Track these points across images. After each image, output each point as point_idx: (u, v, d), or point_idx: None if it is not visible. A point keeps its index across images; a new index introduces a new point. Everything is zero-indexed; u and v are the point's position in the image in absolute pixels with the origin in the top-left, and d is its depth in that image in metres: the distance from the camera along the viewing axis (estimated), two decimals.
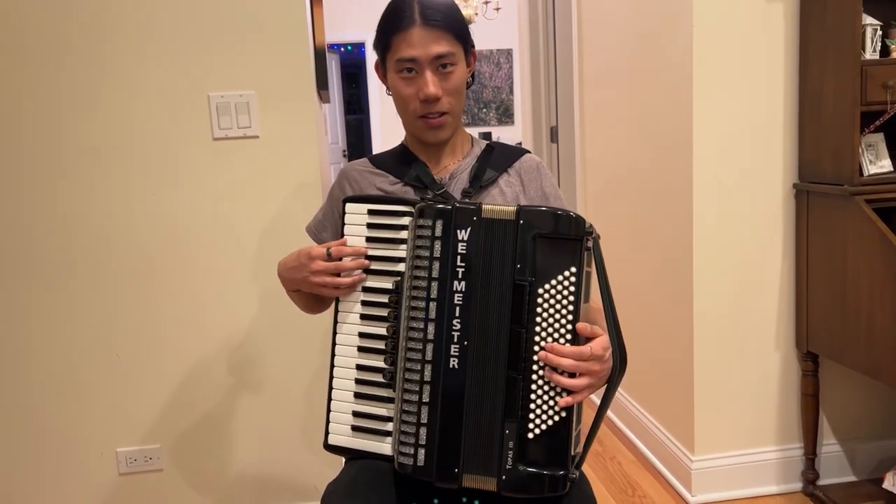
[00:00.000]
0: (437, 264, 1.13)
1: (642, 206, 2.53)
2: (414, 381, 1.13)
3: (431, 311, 1.13)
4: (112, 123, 1.90)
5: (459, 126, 1.39)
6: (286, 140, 1.96)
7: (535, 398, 1.09)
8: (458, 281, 1.12)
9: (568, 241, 1.08)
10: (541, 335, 1.09)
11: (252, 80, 1.92)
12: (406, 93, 1.28)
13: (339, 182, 1.42)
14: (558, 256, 1.08)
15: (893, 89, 1.90)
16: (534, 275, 1.08)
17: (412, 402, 1.13)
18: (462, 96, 1.33)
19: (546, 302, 1.08)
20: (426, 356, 1.13)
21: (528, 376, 1.09)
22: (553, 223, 1.09)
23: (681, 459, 2.30)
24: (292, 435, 2.07)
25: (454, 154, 1.39)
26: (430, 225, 1.13)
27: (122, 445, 2.02)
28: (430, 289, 1.13)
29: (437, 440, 1.12)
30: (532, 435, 1.09)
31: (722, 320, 2.20)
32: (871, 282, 1.87)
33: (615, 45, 2.69)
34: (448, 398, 1.12)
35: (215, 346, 2.02)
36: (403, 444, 1.14)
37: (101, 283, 1.95)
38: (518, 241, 1.09)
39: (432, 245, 1.13)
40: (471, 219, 1.12)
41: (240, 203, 1.96)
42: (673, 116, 2.24)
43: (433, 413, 1.12)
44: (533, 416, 1.09)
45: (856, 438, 2.29)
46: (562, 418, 1.08)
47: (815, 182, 2.07)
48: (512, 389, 1.09)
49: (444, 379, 1.12)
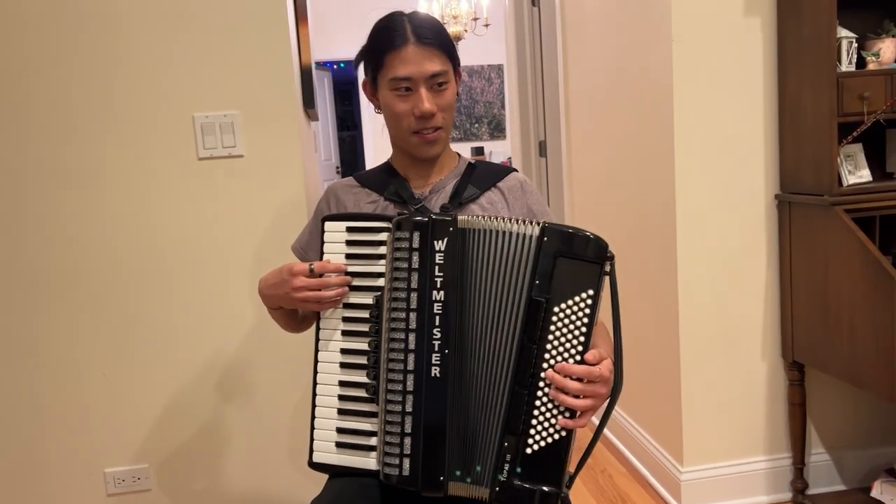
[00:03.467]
0: (415, 275, 1.14)
1: (627, 217, 2.55)
2: (397, 391, 1.14)
3: (412, 322, 1.14)
4: (96, 144, 1.91)
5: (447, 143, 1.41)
6: (271, 159, 1.97)
7: (538, 414, 1.09)
8: (437, 291, 1.13)
9: (589, 263, 1.08)
10: (551, 353, 1.09)
11: (237, 100, 1.94)
12: (401, 109, 1.30)
13: (324, 200, 1.44)
14: (578, 278, 1.08)
15: (870, 100, 1.93)
16: (550, 292, 1.09)
17: (395, 413, 1.14)
18: (453, 109, 1.35)
19: (560, 321, 1.09)
20: (408, 366, 1.14)
21: (533, 392, 1.09)
22: (577, 244, 1.09)
23: (670, 471, 2.31)
24: (280, 454, 2.07)
25: (441, 171, 1.40)
26: (407, 237, 1.15)
27: (110, 466, 2.02)
28: (410, 299, 1.14)
29: (422, 449, 1.13)
30: (531, 450, 1.09)
31: (708, 331, 2.21)
32: (853, 291, 1.88)
33: (598, 60, 2.72)
34: (431, 407, 1.13)
35: (202, 366, 2.02)
36: (388, 454, 1.14)
37: (85, 303, 1.95)
38: (539, 257, 1.10)
39: (410, 256, 1.14)
40: (447, 230, 1.14)
41: (225, 222, 1.97)
42: (654, 129, 2.26)
43: (417, 422, 1.13)
44: (534, 431, 1.09)
45: (844, 447, 2.30)
46: (562, 436, 1.09)
47: (796, 193, 2.09)
48: (516, 404, 1.10)
49: (427, 388, 1.13)
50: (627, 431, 2.65)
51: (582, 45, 2.89)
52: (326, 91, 7.88)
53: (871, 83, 1.93)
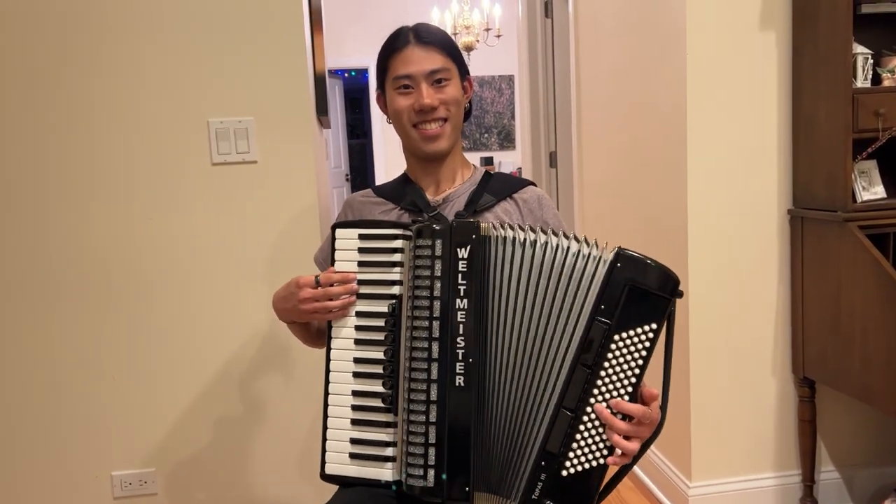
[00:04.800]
0: (438, 283, 1.13)
1: (637, 230, 2.55)
2: (420, 400, 1.13)
3: (435, 330, 1.13)
4: (111, 148, 1.92)
5: (459, 149, 1.41)
6: (284, 166, 1.98)
7: (580, 439, 1.08)
8: (461, 299, 1.12)
9: (658, 296, 1.07)
10: (604, 380, 1.07)
11: (251, 106, 1.95)
12: (402, 105, 1.32)
13: (343, 212, 1.45)
14: (645, 309, 1.06)
15: (885, 117, 1.92)
16: (615, 319, 1.06)
17: (419, 423, 1.13)
18: (460, 110, 1.36)
19: (619, 350, 1.07)
20: (431, 375, 1.12)
21: (580, 416, 1.07)
22: (650, 276, 1.07)
23: (678, 486, 2.29)
24: (289, 463, 2.07)
25: (454, 180, 1.40)
26: (429, 244, 1.14)
27: (118, 469, 2.02)
28: (433, 308, 1.13)
29: (447, 459, 1.11)
30: (566, 473, 1.08)
31: (718, 346, 2.20)
32: (865, 308, 1.87)
33: (611, 72, 2.72)
34: (456, 416, 1.11)
35: (213, 372, 2.02)
36: (411, 465, 1.13)
37: (97, 306, 1.96)
38: (610, 281, 1.07)
39: (433, 264, 1.13)
40: (469, 237, 1.13)
41: (238, 228, 1.98)
42: (668, 143, 2.26)
43: (441, 432, 1.12)
44: (573, 455, 1.08)
45: (854, 465, 2.28)
46: (599, 465, 1.08)
47: (809, 208, 2.09)
48: (560, 424, 1.08)
49: (451, 397, 1.12)
50: None
51: (595, 56, 2.89)
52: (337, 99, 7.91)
53: (886, 99, 1.92)
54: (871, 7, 1.93)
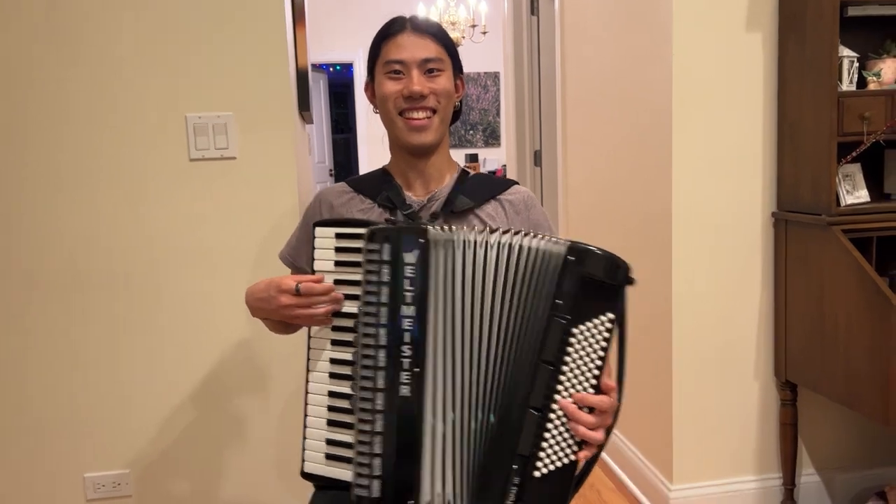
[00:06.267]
0: (385, 289, 1.10)
1: (622, 231, 2.53)
2: (367, 409, 1.11)
3: (381, 338, 1.10)
4: (87, 142, 1.87)
5: (446, 147, 1.37)
6: (265, 162, 1.94)
7: (549, 437, 1.06)
8: (407, 306, 1.09)
9: (613, 286, 1.05)
10: (567, 376, 1.05)
11: (231, 101, 1.91)
12: (390, 90, 1.28)
13: (313, 206, 1.41)
14: (600, 300, 1.04)
15: (870, 120, 1.92)
16: (572, 313, 1.04)
17: (366, 433, 1.11)
18: (450, 104, 1.32)
19: (579, 343, 1.05)
20: (377, 384, 1.10)
21: (546, 414, 1.05)
22: (604, 266, 1.05)
23: (659, 488, 2.28)
24: (265, 464, 2.04)
25: (441, 178, 1.36)
26: (377, 248, 1.11)
27: (91, 471, 1.98)
28: (380, 314, 1.10)
29: (393, 471, 1.09)
30: (539, 474, 1.06)
31: (701, 349, 2.19)
32: (848, 312, 1.86)
33: (596, 71, 2.70)
34: (402, 427, 1.09)
35: (188, 372, 1.98)
36: (359, 475, 1.11)
37: (70, 304, 1.91)
38: (564, 277, 1.05)
39: (380, 269, 1.10)
40: (416, 241, 1.09)
41: (216, 225, 1.94)
42: (653, 144, 2.24)
43: (388, 442, 1.09)
44: (543, 454, 1.06)
45: (835, 468, 2.28)
46: (571, 461, 1.06)
47: (794, 211, 2.08)
48: (529, 425, 1.05)
49: (397, 407, 1.09)
50: (617, 447, 2.63)
51: (580, 55, 2.87)
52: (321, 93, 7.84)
53: (871, 103, 1.92)
54: (857, 10, 1.92)
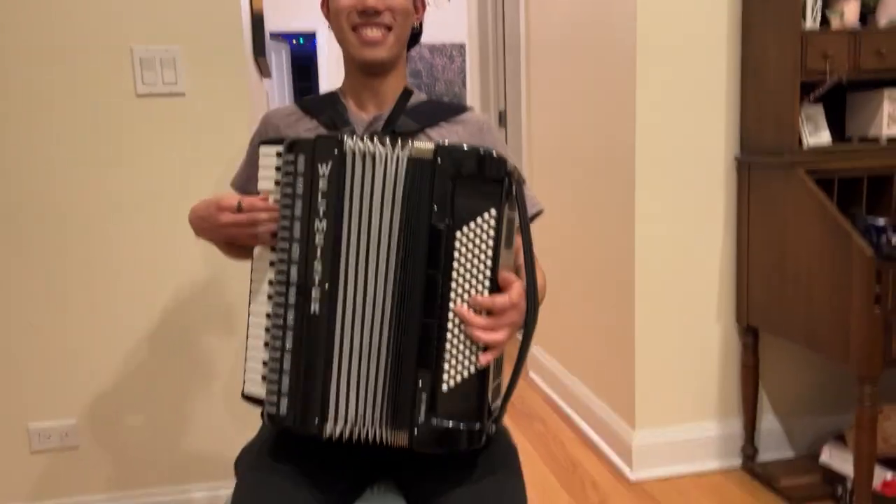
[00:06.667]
0: (298, 202, 1.05)
1: (586, 180, 2.50)
2: (278, 326, 1.06)
3: (294, 253, 1.05)
4: (23, 76, 1.77)
5: (402, 69, 1.31)
6: (215, 99, 1.86)
7: (451, 347, 1.01)
8: (320, 220, 1.04)
9: (489, 182, 0.99)
10: (458, 281, 1.01)
11: (178, 33, 1.83)
12: (344, 4, 1.21)
13: (260, 129, 1.36)
14: (478, 199, 0.99)
15: (833, 59, 1.90)
16: (452, 217, 1.00)
17: (276, 349, 1.06)
18: (407, 22, 1.26)
19: (464, 246, 1.00)
20: (288, 300, 1.05)
21: (443, 324, 1.01)
22: (473, 163, 1.00)
23: (621, 436, 2.27)
24: (215, 402, 1.97)
25: (393, 99, 1.30)
26: (292, 160, 1.05)
27: (35, 420, 1.90)
28: (293, 229, 1.05)
29: (301, 388, 1.04)
30: (446, 387, 1.01)
31: (663, 294, 2.17)
32: (810, 252, 1.86)
33: (560, 20, 2.66)
34: (311, 345, 1.04)
35: (137, 316, 1.91)
36: (270, 392, 1.06)
37: (11, 247, 1.82)
38: (435, 181, 1.01)
39: (294, 182, 1.05)
40: (331, 152, 1.03)
41: (167, 164, 1.86)
42: (616, 89, 2.21)
43: (296, 359, 1.05)
44: (448, 366, 1.01)
45: (794, 413, 2.30)
46: (478, 370, 1.01)
47: (757, 153, 2.06)
48: (426, 338, 1.01)
49: (306, 324, 1.04)
50: (579, 397, 2.61)
51: (545, 7, 2.83)
52: (284, 64, 7.69)
53: (834, 42, 1.90)
54: None
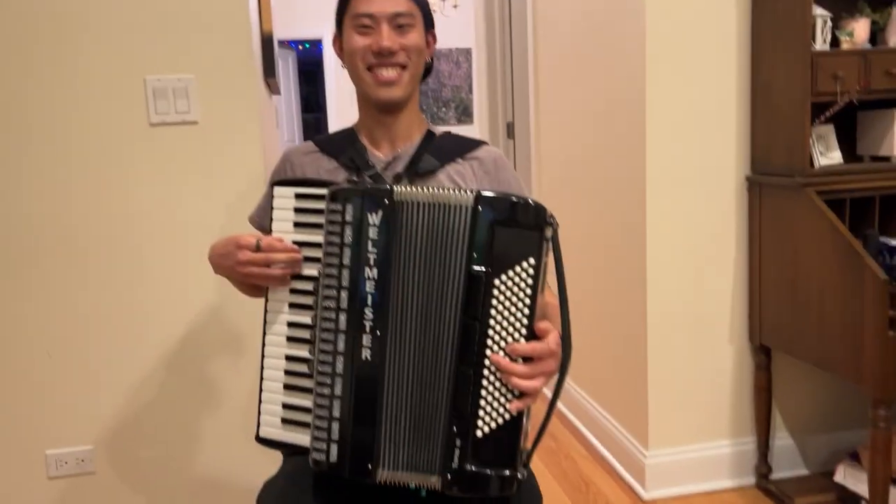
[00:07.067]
0: (347, 251, 1.06)
1: (596, 198, 2.51)
2: (326, 373, 1.08)
3: (343, 301, 1.07)
4: (41, 106, 1.79)
5: (415, 105, 1.33)
6: (228, 127, 1.87)
7: (486, 395, 1.03)
8: (370, 268, 1.06)
9: (528, 230, 1.01)
10: (496, 329, 1.02)
11: (192, 63, 1.83)
12: (359, 45, 1.23)
13: (280, 166, 1.37)
14: (517, 247, 1.01)
15: (843, 80, 1.90)
16: (490, 265, 1.01)
17: (325, 396, 1.08)
18: (421, 60, 1.28)
19: (502, 294, 1.02)
20: (338, 347, 1.07)
21: (479, 371, 1.02)
22: (513, 211, 1.01)
23: (634, 455, 2.28)
24: (234, 432, 1.99)
25: (408, 136, 1.32)
26: (339, 209, 1.06)
27: (53, 447, 1.91)
28: (341, 277, 1.07)
29: (351, 435, 1.06)
30: (481, 433, 1.03)
31: (675, 314, 2.18)
32: (822, 273, 1.86)
33: (569, 38, 2.66)
34: (362, 391, 1.06)
35: (152, 345, 1.92)
36: (317, 439, 1.08)
37: (29, 276, 1.84)
38: (476, 228, 1.02)
39: (342, 230, 1.06)
40: (382, 202, 1.05)
41: (178, 191, 1.87)
42: (626, 108, 2.21)
43: (346, 406, 1.06)
44: (483, 413, 1.03)
45: (808, 431, 2.30)
46: (512, 416, 1.03)
47: (767, 174, 2.06)
48: (462, 385, 1.03)
49: (357, 371, 1.06)
50: (592, 415, 2.62)
51: (554, 23, 2.83)
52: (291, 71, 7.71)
53: (844, 63, 1.90)
54: None
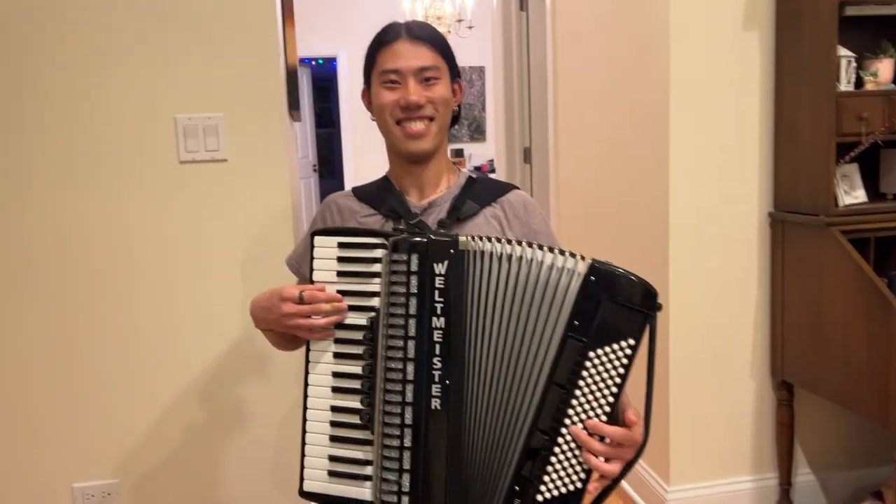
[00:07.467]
0: (413, 300, 1.07)
1: (616, 231, 2.51)
2: (394, 424, 1.07)
3: (410, 350, 1.07)
4: (74, 145, 1.81)
5: (444, 153, 1.35)
6: (256, 164, 1.89)
7: (556, 462, 1.02)
8: (437, 317, 1.06)
9: (635, 311, 1.01)
10: (580, 400, 1.02)
11: (221, 102, 1.86)
12: (387, 100, 1.26)
13: (321, 213, 1.39)
14: (621, 324, 1.00)
15: (868, 121, 1.91)
16: (589, 335, 1.01)
17: (393, 448, 1.07)
18: (448, 110, 1.30)
19: (595, 368, 1.01)
20: (406, 398, 1.07)
21: (554, 438, 1.02)
22: (627, 289, 1.01)
23: (656, 490, 2.27)
24: (263, 473, 2.00)
25: (438, 184, 1.34)
26: (404, 259, 1.07)
27: (79, 480, 1.93)
28: (408, 326, 1.07)
29: (422, 487, 1.06)
30: (542, 498, 1.03)
31: (697, 349, 2.18)
32: (846, 312, 1.86)
33: (590, 69, 2.68)
34: (432, 442, 1.06)
35: (181, 379, 1.93)
36: (386, 491, 1.08)
37: (59, 310, 1.86)
38: (584, 296, 1.01)
39: (408, 280, 1.07)
40: (447, 252, 1.06)
41: (207, 228, 1.89)
42: (648, 143, 2.22)
43: (416, 458, 1.06)
44: (548, 478, 1.02)
45: (830, 468, 2.29)
46: (577, 489, 1.02)
47: (791, 211, 2.07)
48: (535, 447, 1.03)
49: (427, 422, 1.06)
50: None
51: (573, 52, 2.85)
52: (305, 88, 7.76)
53: (869, 103, 1.91)
54: (855, 10, 1.91)
